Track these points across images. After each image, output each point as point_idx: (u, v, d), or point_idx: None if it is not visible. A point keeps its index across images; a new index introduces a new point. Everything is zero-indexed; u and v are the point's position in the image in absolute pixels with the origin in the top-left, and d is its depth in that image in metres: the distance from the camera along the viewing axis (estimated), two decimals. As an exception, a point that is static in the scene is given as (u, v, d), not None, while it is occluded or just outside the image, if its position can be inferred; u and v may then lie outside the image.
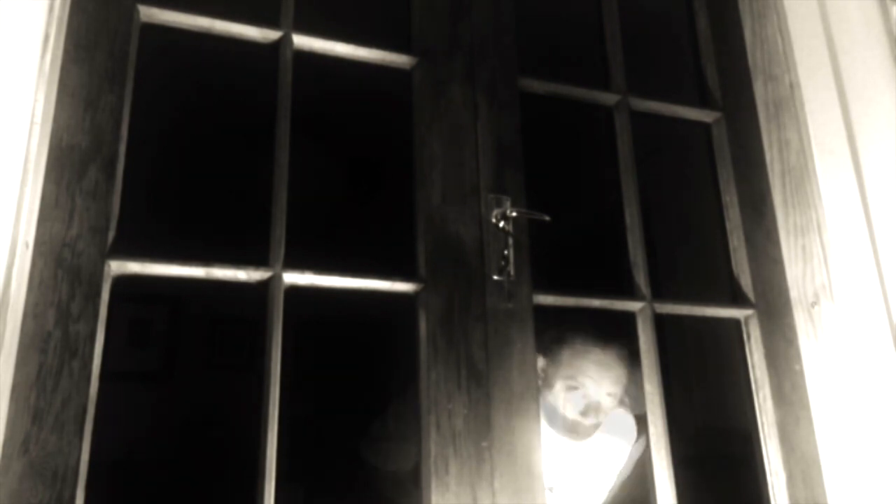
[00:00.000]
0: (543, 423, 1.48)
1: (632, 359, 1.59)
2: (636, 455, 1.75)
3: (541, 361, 1.61)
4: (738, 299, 1.39)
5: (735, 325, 1.38)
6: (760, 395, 1.32)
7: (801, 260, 1.37)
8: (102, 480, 1.04)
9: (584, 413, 1.59)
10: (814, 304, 1.33)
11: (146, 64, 1.13)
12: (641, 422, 1.75)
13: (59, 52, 1.03)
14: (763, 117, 1.48)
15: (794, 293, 1.37)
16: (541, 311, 1.20)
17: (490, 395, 1.11)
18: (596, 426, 1.63)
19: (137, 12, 1.12)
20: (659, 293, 1.32)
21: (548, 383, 1.63)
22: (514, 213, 1.20)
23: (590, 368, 1.60)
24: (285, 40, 1.20)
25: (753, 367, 1.34)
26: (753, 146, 1.47)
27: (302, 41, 1.22)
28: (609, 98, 1.41)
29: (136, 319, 3.80)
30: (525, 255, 1.21)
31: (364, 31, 1.29)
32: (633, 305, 1.29)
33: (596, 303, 1.27)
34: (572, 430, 1.61)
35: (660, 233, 3.06)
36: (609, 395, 1.61)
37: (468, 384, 1.10)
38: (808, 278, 1.35)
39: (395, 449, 1.66)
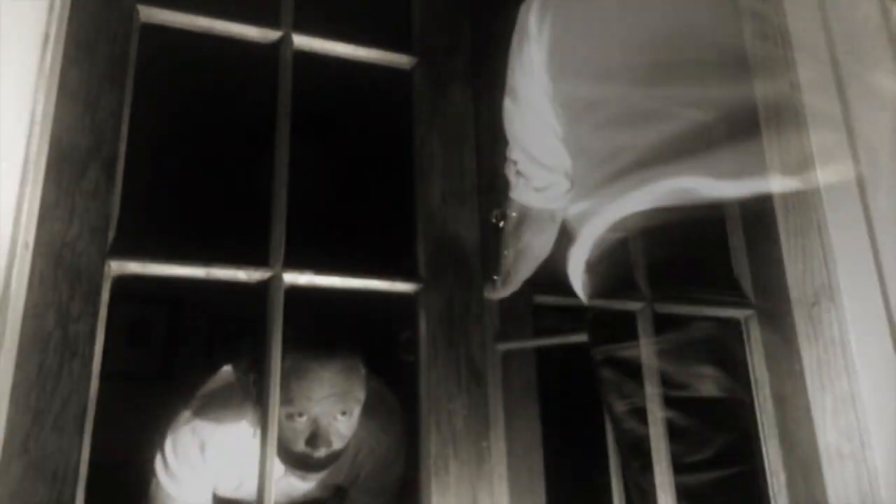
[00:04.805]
0: None
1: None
2: None
3: None
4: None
5: (735, 325, 1.38)
6: (760, 396, 1.32)
7: (801, 260, 1.37)
8: (102, 480, 1.04)
9: None
10: (814, 304, 1.33)
11: (146, 64, 1.13)
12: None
13: (59, 52, 1.03)
14: (763, 117, 1.48)
15: (794, 293, 1.36)
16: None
17: (490, 395, 1.11)
18: None
19: (137, 12, 1.12)
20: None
21: None
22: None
23: None
24: (285, 40, 1.20)
25: (753, 367, 1.34)
26: (753, 146, 1.47)
27: (302, 41, 1.21)
28: (609, 98, 1.41)
29: (136, 319, 3.80)
30: (525, 255, 1.21)
31: (364, 31, 1.29)
32: (633, 305, 1.29)
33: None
34: None
35: (660, 233, 3.05)
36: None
37: (468, 384, 1.10)
38: (808, 278, 1.35)
39: None
